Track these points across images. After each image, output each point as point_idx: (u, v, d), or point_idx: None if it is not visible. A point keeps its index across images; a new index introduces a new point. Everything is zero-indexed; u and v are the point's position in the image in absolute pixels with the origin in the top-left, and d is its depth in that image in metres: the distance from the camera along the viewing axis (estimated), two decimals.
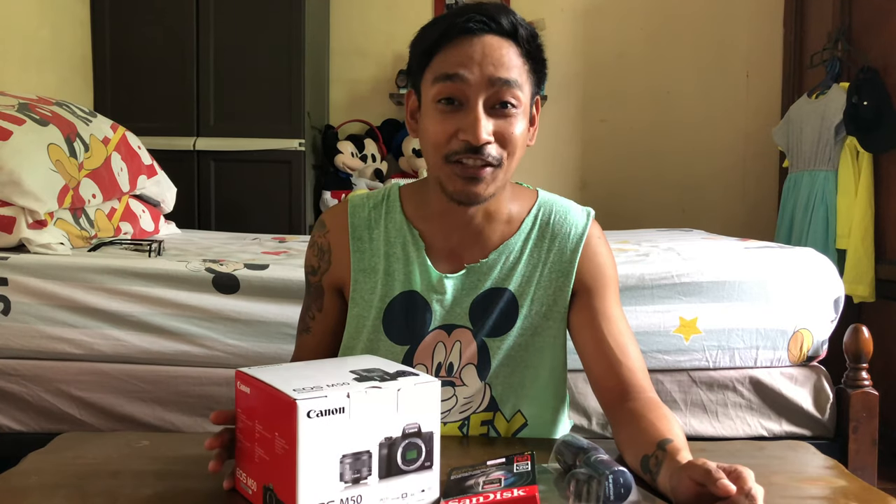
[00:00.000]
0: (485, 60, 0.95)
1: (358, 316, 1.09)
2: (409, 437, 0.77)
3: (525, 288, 1.07)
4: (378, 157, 3.53)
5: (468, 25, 0.95)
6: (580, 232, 1.09)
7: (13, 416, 1.62)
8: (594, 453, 0.81)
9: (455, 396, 1.07)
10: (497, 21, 0.96)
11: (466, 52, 0.95)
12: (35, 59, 2.80)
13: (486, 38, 0.96)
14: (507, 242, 1.07)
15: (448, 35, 0.96)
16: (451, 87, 0.96)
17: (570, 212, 1.11)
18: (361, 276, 1.08)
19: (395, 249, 1.08)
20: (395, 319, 1.07)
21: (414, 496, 0.78)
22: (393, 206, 1.10)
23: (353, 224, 1.10)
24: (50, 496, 0.82)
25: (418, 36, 1.02)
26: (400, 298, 1.07)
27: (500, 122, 0.97)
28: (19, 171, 1.77)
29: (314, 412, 0.72)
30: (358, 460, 0.75)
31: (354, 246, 1.09)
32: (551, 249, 1.08)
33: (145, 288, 1.65)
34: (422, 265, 1.07)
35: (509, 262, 1.07)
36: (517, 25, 0.97)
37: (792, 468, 0.95)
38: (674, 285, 1.66)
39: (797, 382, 1.68)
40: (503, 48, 0.96)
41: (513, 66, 0.96)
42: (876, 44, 2.82)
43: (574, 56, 3.70)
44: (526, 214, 1.09)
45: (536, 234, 1.09)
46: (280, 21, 3.16)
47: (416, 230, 1.08)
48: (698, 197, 3.73)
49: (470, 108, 0.95)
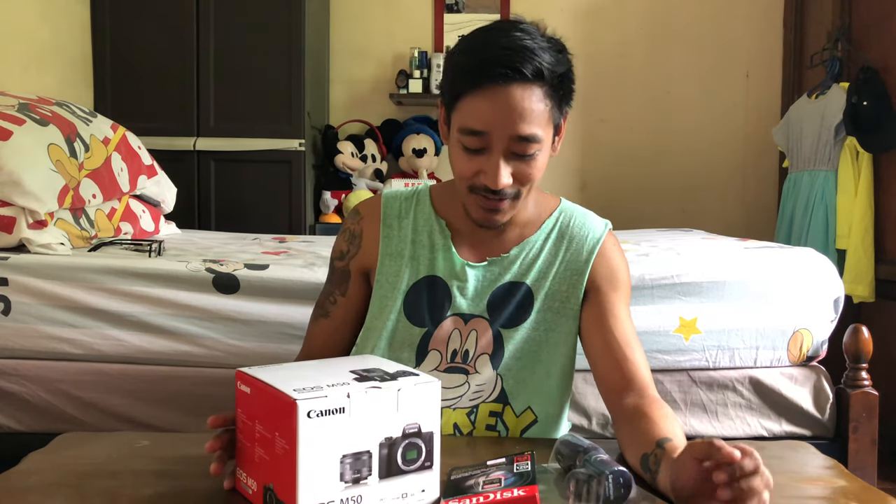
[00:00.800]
0: (508, 118, 0.99)
1: (382, 297, 1.14)
2: (409, 437, 0.78)
3: (541, 282, 1.12)
4: (378, 158, 3.53)
5: (496, 79, 0.98)
6: (597, 237, 1.15)
7: (13, 416, 1.62)
8: (594, 453, 0.81)
9: (467, 384, 1.11)
10: (521, 71, 0.98)
11: (491, 106, 0.99)
12: (35, 59, 2.80)
13: (511, 88, 0.99)
14: (528, 240, 1.14)
15: (476, 84, 0.99)
16: (475, 141, 1.01)
17: (589, 218, 1.18)
18: (388, 259, 1.15)
19: (422, 237, 1.15)
20: (416, 302, 1.12)
21: (414, 496, 0.78)
22: (423, 200, 1.18)
23: (385, 213, 1.17)
24: (50, 496, 0.82)
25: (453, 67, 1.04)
26: (423, 282, 1.13)
27: (519, 165, 1.02)
28: (19, 171, 1.77)
29: (314, 412, 0.72)
30: (358, 460, 0.75)
31: (384, 232, 1.16)
32: (569, 249, 1.14)
33: (145, 288, 1.65)
34: (446, 252, 1.13)
35: (529, 257, 1.13)
36: (542, 69, 1.00)
37: (792, 468, 0.95)
38: (674, 285, 1.66)
39: (797, 382, 1.68)
40: (526, 98, 0.99)
41: (534, 118, 1.00)
42: (876, 44, 2.82)
43: (574, 56, 3.69)
44: (548, 216, 1.16)
45: (556, 235, 1.15)
46: (280, 21, 3.16)
47: (444, 220, 1.15)
48: (698, 197, 3.73)
49: (491, 155, 1.01)
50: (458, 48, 1.05)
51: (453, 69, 1.04)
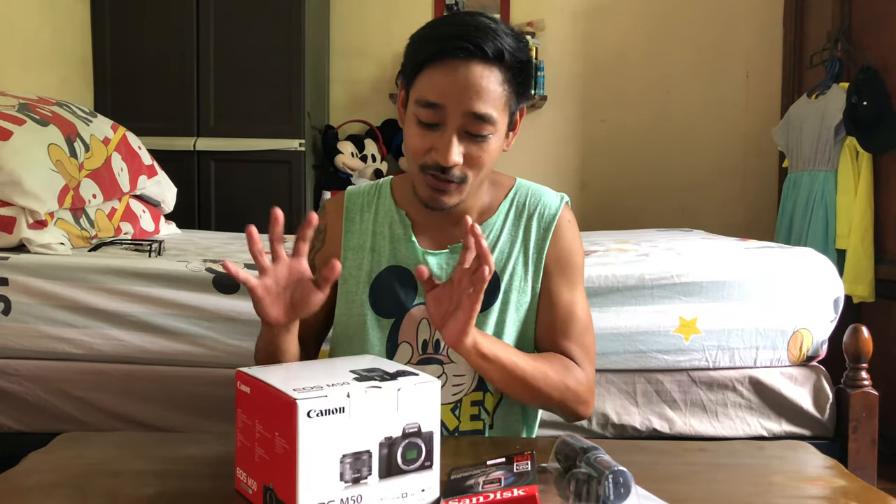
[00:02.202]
0: (465, 93, 1.00)
1: (347, 292, 1.16)
2: (409, 437, 0.78)
3: (504, 263, 1.14)
4: (378, 158, 3.53)
5: (457, 53, 0.99)
6: (553, 213, 1.17)
7: (13, 416, 1.61)
8: (594, 453, 0.81)
9: (445, 374, 1.12)
10: (483, 48, 0.99)
11: (449, 80, 1.00)
12: (35, 59, 2.80)
13: (472, 65, 1.00)
14: (487, 222, 1.16)
15: (437, 56, 1.01)
16: (430, 114, 1.02)
17: (545, 195, 1.19)
18: (350, 253, 1.17)
19: (383, 228, 1.17)
20: (381, 293, 1.14)
21: (414, 496, 0.78)
22: (384, 193, 1.21)
23: (347, 208, 1.20)
24: (50, 496, 0.82)
25: (415, 40, 1.06)
26: (386, 273, 1.14)
27: (471, 146, 1.04)
28: (20, 171, 1.77)
29: (314, 412, 0.72)
30: (358, 460, 0.75)
31: (346, 227, 1.19)
32: (529, 228, 1.16)
33: (145, 288, 1.65)
34: (407, 241, 1.15)
35: (489, 240, 1.15)
36: (503, 51, 1.00)
37: (792, 468, 0.95)
38: (674, 285, 1.66)
39: (797, 382, 1.68)
40: (485, 78, 1.00)
41: (491, 98, 1.01)
42: (876, 44, 2.82)
43: (574, 56, 3.70)
44: (503, 198, 1.18)
45: (514, 214, 1.17)
46: (280, 21, 3.16)
47: (403, 211, 1.17)
48: (698, 197, 3.73)
49: (445, 131, 1.02)
50: (422, 27, 1.06)
51: (414, 43, 1.05)
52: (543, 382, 1.05)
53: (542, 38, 3.64)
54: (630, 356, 1.63)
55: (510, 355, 1.04)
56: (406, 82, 1.07)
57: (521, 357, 1.05)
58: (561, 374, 1.07)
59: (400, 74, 1.10)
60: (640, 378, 1.65)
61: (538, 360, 1.07)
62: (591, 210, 3.64)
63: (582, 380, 1.09)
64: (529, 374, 1.04)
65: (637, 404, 1.65)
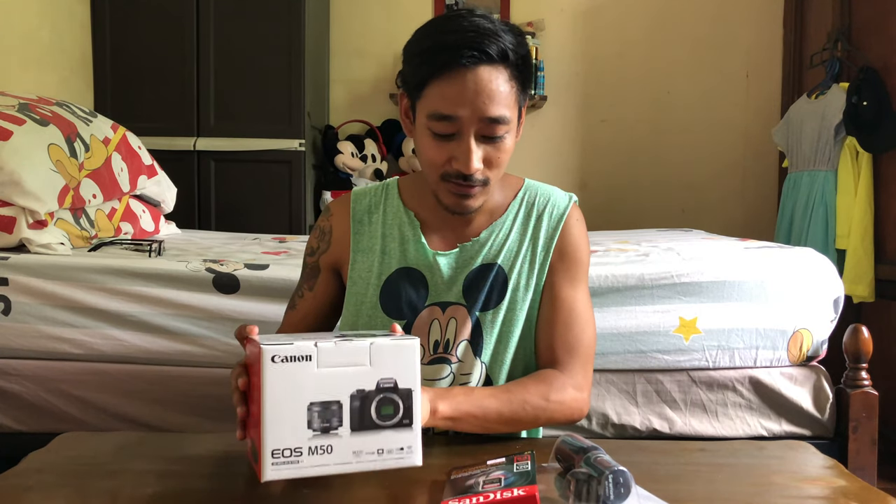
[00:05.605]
0: (477, 100, 1.00)
1: (356, 294, 1.16)
2: (384, 392, 0.78)
3: (513, 261, 1.14)
4: (378, 158, 3.53)
5: (461, 62, 0.98)
6: (561, 211, 1.17)
7: (13, 416, 1.62)
8: (594, 453, 0.81)
9: (452, 374, 1.12)
10: (487, 52, 0.99)
11: (459, 90, 0.99)
12: (35, 59, 2.80)
13: (479, 70, 0.99)
14: (497, 222, 1.16)
15: (443, 69, 1.00)
16: (445, 126, 1.02)
17: (554, 194, 1.19)
18: (360, 255, 1.16)
19: (392, 230, 1.16)
20: (391, 295, 1.13)
21: (392, 453, 0.78)
22: (392, 194, 1.20)
23: (354, 209, 1.19)
24: (50, 496, 0.82)
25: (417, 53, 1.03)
26: (396, 275, 1.14)
27: (489, 148, 1.03)
28: (20, 171, 1.77)
29: (279, 357, 0.74)
30: (327, 410, 0.76)
31: (355, 228, 1.17)
32: (538, 227, 1.16)
33: (145, 288, 1.65)
34: (416, 243, 1.14)
35: (499, 239, 1.15)
36: (506, 50, 1.00)
37: (792, 468, 0.95)
38: (674, 285, 1.66)
39: (797, 382, 1.68)
40: (493, 80, 1.00)
41: (502, 99, 1.01)
42: (876, 44, 2.82)
43: (574, 56, 3.70)
44: (513, 198, 1.18)
45: (523, 213, 1.17)
46: (280, 21, 3.16)
47: (412, 212, 1.17)
48: (698, 197, 3.73)
49: (462, 139, 1.02)
50: (418, 36, 1.05)
51: (417, 56, 1.03)
52: (523, 412, 1.02)
53: (542, 38, 3.64)
54: (630, 356, 1.63)
55: (478, 401, 0.99)
56: (411, 94, 1.06)
57: (492, 396, 1.01)
58: (542, 391, 1.04)
59: (399, 78, 1.09)
60: (640, 378, 1.65)
61: (514, 389, 1.03)
62: (591, 210, 3.63)
63: (567, 385, 1.06)
64: (506, 411, 1.01)
65: (637, 404, 1.65)
